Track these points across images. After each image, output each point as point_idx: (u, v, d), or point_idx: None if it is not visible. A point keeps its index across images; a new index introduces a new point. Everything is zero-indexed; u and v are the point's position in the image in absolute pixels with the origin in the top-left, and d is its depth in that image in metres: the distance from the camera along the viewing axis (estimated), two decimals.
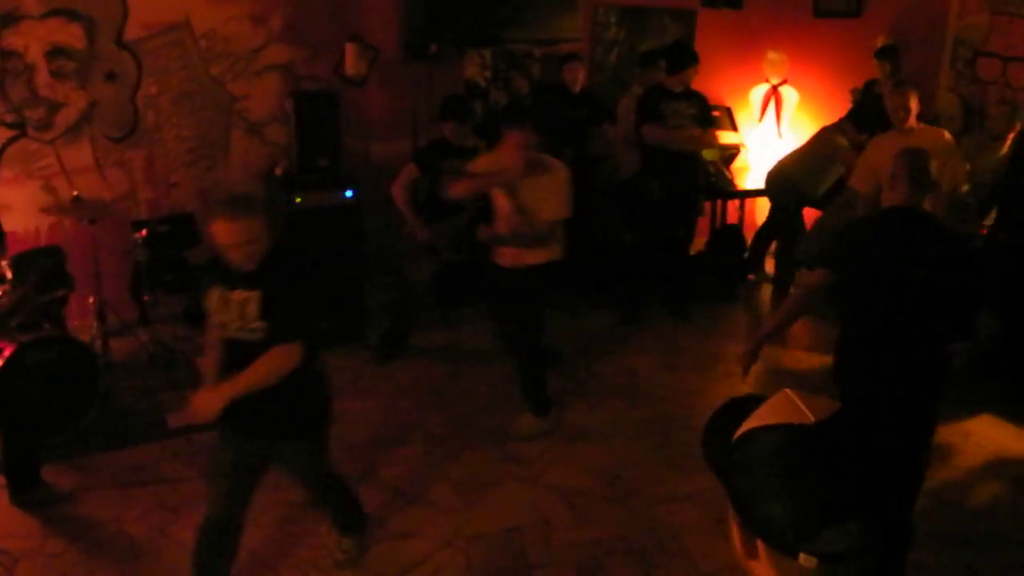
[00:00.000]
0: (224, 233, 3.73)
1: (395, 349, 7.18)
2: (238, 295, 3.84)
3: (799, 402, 1.42)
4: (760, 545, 1.45)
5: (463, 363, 7.15)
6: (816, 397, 1.44)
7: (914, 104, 6.45)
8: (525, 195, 5.55)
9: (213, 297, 3.91)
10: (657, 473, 5.59)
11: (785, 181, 8.19)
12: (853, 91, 8.71)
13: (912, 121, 6.46)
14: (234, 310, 3.86)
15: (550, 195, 5.60)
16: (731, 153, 9.55)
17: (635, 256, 8.09)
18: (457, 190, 5.83)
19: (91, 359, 5.98)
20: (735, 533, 1.49)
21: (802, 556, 1.37)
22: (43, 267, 6.18)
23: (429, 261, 6.88)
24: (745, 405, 1.51)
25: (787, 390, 1.45)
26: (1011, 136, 7.22)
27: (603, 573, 4.69)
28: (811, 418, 1.39)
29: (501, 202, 5.71)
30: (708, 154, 8.81)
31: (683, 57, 7.64)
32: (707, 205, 9.22)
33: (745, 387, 6.64)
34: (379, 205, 7.27)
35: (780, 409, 1.43)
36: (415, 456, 5.78)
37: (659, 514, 5.17)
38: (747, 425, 1.46)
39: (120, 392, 6.51)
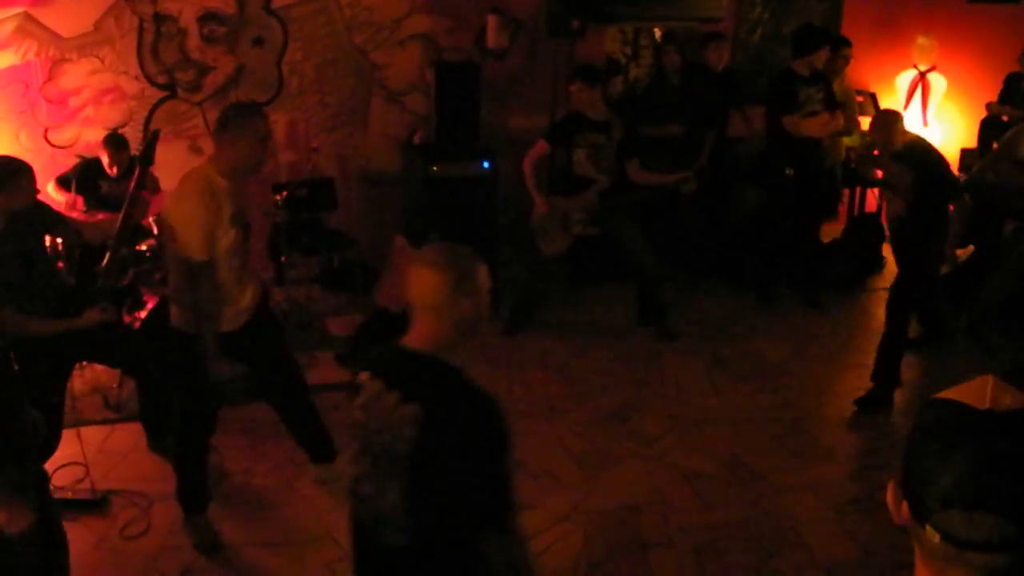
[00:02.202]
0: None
1: (523, 321, 7.22)
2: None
3: (989, 389, 1.42)
4: (904, 508, 1.48)
5: (591, 339, 7.15)
6: (1016, 391, 1.43)
7: None
8: None
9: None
10: (780, 461, 5.52)
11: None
12: (989, 105, 8.41)
13: None
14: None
15: None
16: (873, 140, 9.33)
17: (769, 239, 7.97)
18: None
19: None
20: (890, 489, 1.52)
21: (928, 528, 1.40)
22: None
23: (562, 236, 6.89)
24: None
25: (991, 375, 1.45)
26: None
27: (719, 557, 4.66)
28: (987, 405, 1.40)
29: None
30: (850, 140, 8.64)
31: (813, 39, 7.45)
32: (845, 192, 9.04)
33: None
34: (515, 177, 7.31)
35: (969, 390, 1.45)
36: (539, 429, 5.81)
37: (780, 502, 5.10)
38: (939, 395, 1.49)
39: None
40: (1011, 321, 6.55)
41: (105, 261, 4.99)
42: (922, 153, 6.02)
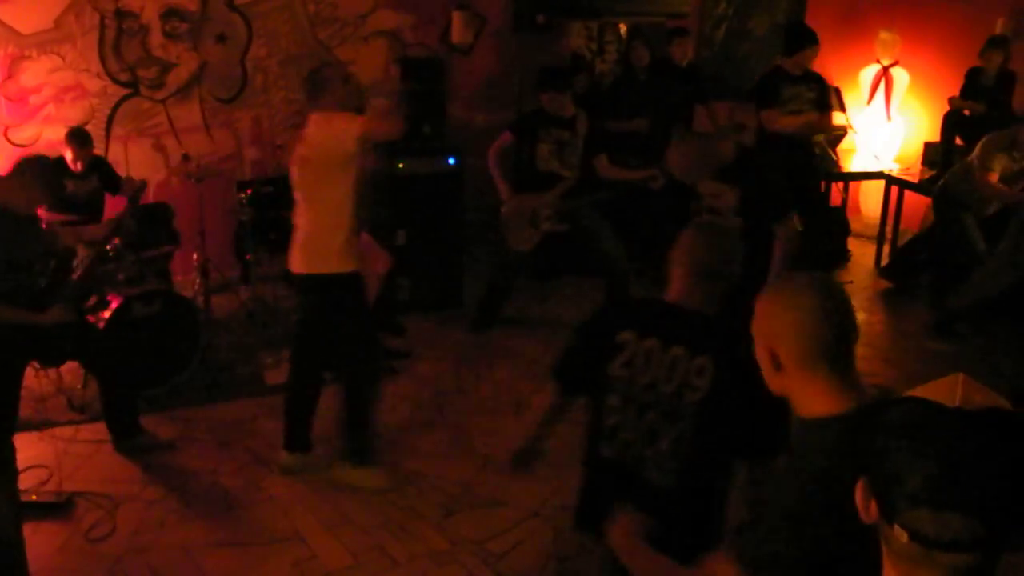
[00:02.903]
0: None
1: (490, 318, 7.20)
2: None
3: (960, 387, 1.40)
4: (873, 507, 1.46)
5: (558, 335, 7.12)
6: (987, 391, 1.41)
7: None
8: None
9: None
10: None
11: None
12: (951, 100, 8.46)
13: None
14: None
15: None
16: (838, 134, 9.36)
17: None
18: None
19: (193, 314, 6.13)
20: (859, 488, 1.50)
21: (896, 527, 1.39)
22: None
23: (531, 232, 6.88)
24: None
25: (962, 374, 1.43)
26: None
27: None
28: (957, 403, 1.38)
29: None
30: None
31: (802, 38, 7.46)
32: None
33: None
34: (481, 173, 7.30)
35: (939, 388, 1.42)
36: (507, 425, 5.79)
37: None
38: (909, 392, 1.46)
39: (220, 348, 6.66)
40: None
41: (77, 275, 5.05)
42: (752, 168, 5.12)
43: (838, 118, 9.40)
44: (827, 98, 7.64)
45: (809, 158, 7.78)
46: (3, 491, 4.01)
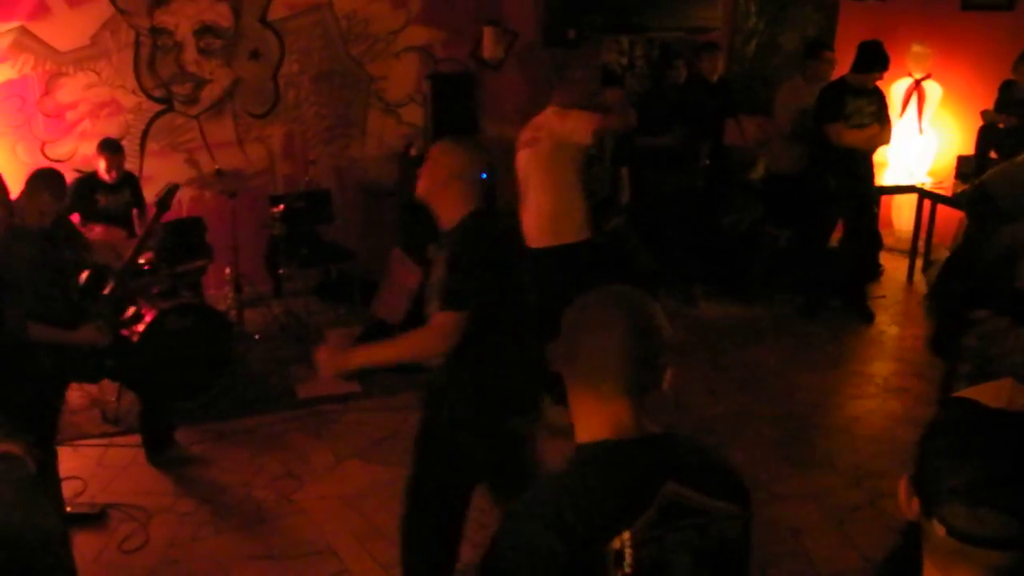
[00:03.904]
0: None
1: None
2: None
3: (1007, 390, 1.43)
4: (915, 504, 1.47)
5: None
6: None
7: None
8: None
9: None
10: (779, 471, 5.50)
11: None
12: (984, 113, 8.40)
13: None
14: None
15: None
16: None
17: (813, 250, 7.98)
18: None
19: (226, 328, 6.18)
20: (902, 484, 1.51)
21: (935, 520, 1.41)
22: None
23: None
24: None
25: (1011, 379, 1.46)
26: None
27: None
28: (1003, 405, 1.40)
29: None
30: None
31: (877, 59, 7.45)
32: None
33: (871, 388, 6.52)
34: (513, 188, 7.32)
35: (989, 390, 1.45)
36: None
37: (780, 511, 5.08)
38: (957, 394, 1.49)
39: (252, 361, 6.69)
40: None
41: (108, 290, 5.09)
42: (468, 233, 3.59)
43: None
44: (886, 111, 7.62)
45: (870, 171, 7.75)
46: (49, 503, 4.01)
